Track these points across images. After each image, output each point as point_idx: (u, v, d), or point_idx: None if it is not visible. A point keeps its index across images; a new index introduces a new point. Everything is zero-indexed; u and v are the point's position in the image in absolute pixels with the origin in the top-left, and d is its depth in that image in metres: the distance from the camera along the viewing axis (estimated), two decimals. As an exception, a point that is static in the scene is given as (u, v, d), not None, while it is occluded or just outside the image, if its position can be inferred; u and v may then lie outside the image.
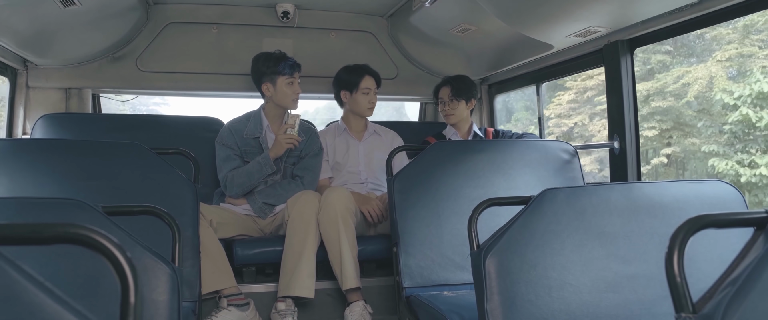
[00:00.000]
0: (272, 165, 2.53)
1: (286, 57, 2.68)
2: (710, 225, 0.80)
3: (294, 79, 2.66)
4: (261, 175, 2.54)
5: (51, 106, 3.01)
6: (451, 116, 2.94)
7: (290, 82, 2.65)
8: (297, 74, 2.67)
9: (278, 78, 2.63)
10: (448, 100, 2.93)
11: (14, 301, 0.56)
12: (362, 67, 2.86)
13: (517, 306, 1.25)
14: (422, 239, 2.02)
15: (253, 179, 2.54)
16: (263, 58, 2.68)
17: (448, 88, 2.93)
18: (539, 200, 1.32)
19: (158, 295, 1.26)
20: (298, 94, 2.68)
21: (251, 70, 2.72)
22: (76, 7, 2.38)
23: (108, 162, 1.91)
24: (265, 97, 2.71)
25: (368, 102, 2.83)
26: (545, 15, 2.42)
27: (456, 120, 2.95)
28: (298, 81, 2.68)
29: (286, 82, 2.64)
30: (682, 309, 0.76)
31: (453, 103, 2.91)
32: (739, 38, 7.05)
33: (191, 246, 1.84)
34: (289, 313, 2.28)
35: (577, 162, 2.31)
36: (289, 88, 2.65)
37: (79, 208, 1.24)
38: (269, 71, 2.63)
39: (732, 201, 1.42)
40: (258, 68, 2.68)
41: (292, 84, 2.65)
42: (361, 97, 2.82)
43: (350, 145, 2.86)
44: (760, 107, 6.28)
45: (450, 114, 2.93)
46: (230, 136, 2.66)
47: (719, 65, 7.06)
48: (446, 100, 2.93)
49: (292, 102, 2.68)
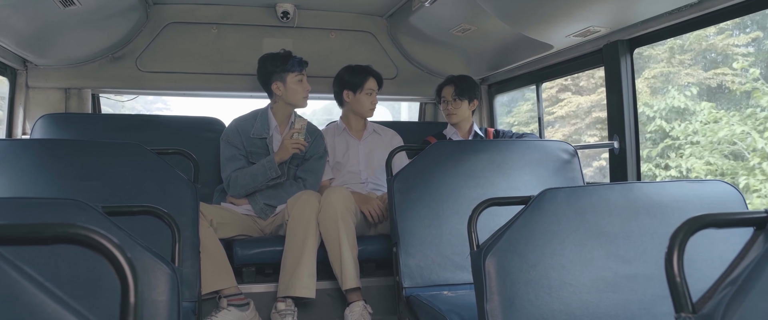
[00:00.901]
0: (277, 170, 2.52)
1: (292, 55, 2.69)
2: (710, 225, 0.80)
3: (303, 76, 2.67)
4: (265, 179, 2.53)
5: (51, 106, 3.01)
6: (454, 115, 2.93)
7: (300, 78, 2.65)
8: (305, 71, 2.68)
9: (288, 76, 2.63)
10: (451, 99, 2.92)
11: (14, 301, 0.56)
12: (366, 68, 2.86)
13: (517, 306, 1.25)
14: (422, 239, 2.01)
15: (256, 182, 2.54)
16: (270, 58, 2.69)
17: (452, 88, 2.93)
18: (539, 200, 1.32)
19: (158, 295, 1.26)
20: (308, 90, 2.69)
21: (258, 71, 2.72)
22: (76, 7, 2.38)
23: (108, 163, 1.91)
24: (274, 97, 2.70)
25: (371, 103, 2.84)
26: (545, 15, 2.42)
27: (458, 119, 2.95)
28: (306, 77, 2.69)
29: (296, 79, 2.64)
30: (681, 309, 0.76)
31: (456, 103, 2.91)
32: (667, 58, 8.16)
33: (191, 246, 1.84)
34: (289, 313, 2.28)
35: (577, 162, 2.31)
36: (299, 85, 2.65)
37: (79, 208, 1.24)
38: (278, 70, 2.64)
39: (732, 201, 1.42)
40: (266, 68, 2.68)
41: (302, 81, 2.66)
42: (364, 97, 2.82)
43: (350, 145, 2.86)
44: (671, 120, 7.23)
45: (452, 113, 2.93)
46: (236, 135, 2.65)
47: (646, 82, 8.27)
48: (449, 100, 2.93)
49: (303, 99, 2.68)
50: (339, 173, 2.82)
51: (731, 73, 7.50)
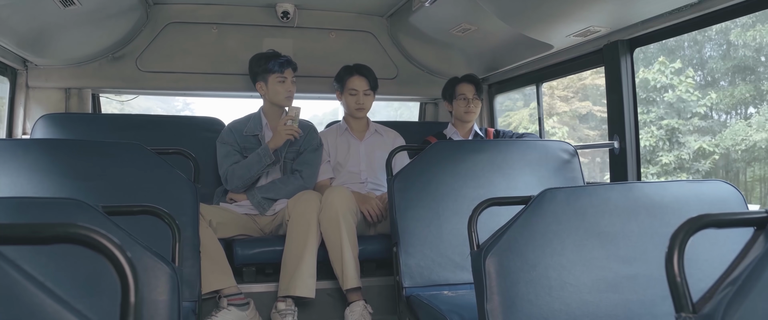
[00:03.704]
0: (271, 156, 2.55)
1: (277, 55, 2.70)
2: (710, 225, 0.80)
3: (285, 77, 2.67)
4: (261, 166, 2.55)
5: (51, 106, 3.01)
6: (473, 113, 2.94)
7: (281, 79, 2.66)
8: (288, 71, 2.68)
9: (269, 76, 2.67)
10: (471, 97, 2.92)
11: (14, 301, 0.56)
12: (353, 67, 2.83)
13: (517, 306, 1.25)
14: (422, 239, 2.01)
15: (253, 171, 2.56)
16: (256, 58, 2.74)
17: (473, 87, 2.92)
18: (539, 200, 1.32)
19: (158, 295, 1.26)
20: (290, 91, 2.69)
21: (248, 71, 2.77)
22: (76, 7, 2.38)
23: (108, 163, 1.91)
24: (263, 97, 2.74)
25: (355, 103, 2.79)
26: (545, 15, 2.42)
27: (474, 118, 2.95)
28: (291, 79, 2.69)
29: (277, 79, 2.66)
30: (682, 309, 0.76)
31: (475, 101, 2.92)
32: (550, 93, 10.40)
33: (191, 246, 1.84)
34: (289, 313, 2.28)
35: (577, 162, 2.31)
36: (280, 85, 2.66)
37: (79, 208, 1.23)
38: (261, 70, 2.68)
39: (732, 201, 1.42)
40: (252, 68, 2.74)
41: (284, 82, 2.67)
42: (347, 97, 2.81)
43: (351, 145, 2.85)
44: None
45: (473, 111, 2.93)
46: (230, 135, 2.69)
47: (526, 111, 10.45)
48: (470, 98, 2.92)
49: (285, 99, 2.69)
50: (339, 173, 2.82)
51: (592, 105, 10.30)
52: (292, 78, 2.70)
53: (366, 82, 2.79)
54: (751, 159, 9.05)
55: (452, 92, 2.97)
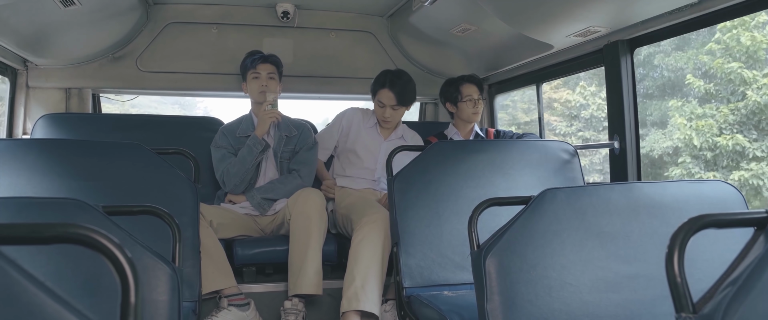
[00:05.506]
0: (261, 141, 2.56)
1: (255, 52, 2.72)
2: (710, 225, 0.80)
3: (259, 72, 2.67)
4: (253, 155, 2.56)
5: (51, 106, 3.01)
6: (479, 114, 2.94)
7: (255, 75, 2.67)
8: (263, 67, 2.67)
9: (247, 74, 2.70)
10: (477, 98, 2.92)
11: (14, 301, 0.56)
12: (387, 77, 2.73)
13: (517, 306, 1.25)
14: (422, 239, 2.01)
15: (246, 163, 2.56)
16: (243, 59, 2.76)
17: (477, 87, 2.93)
18: (539, 200, 1.32)
19: (158, 295, 1.26)
20: (263, 85, 2.66)
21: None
22: (76, 7, 2.38)
23: (108, 162, 1.91)
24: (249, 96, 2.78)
25: (381, 115, 2.79)
26: (545, 15, 2.42)
27: (479, 118, 2.96)
28: (266, 74, 2.67)
29: (251, 76, 2.68)
30: (682, 309, 0.75)
31: (480, 102, 2.93)
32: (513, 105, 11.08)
33: (191, 246, 1.84)
34: (293, 312, 2.28)
35: (577, 162, 2.31)
36: (254, 81, 2.68)
37: (79, 208, 1.23)
38: (242, 70, 2.73)
39: (732, 201, 1.42)
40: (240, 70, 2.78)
41: (258, 77, 2.67)
42: (377, 108, 2.80)
43: (373, 140, 2.83)
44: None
45: (479, 112, 2.94)
46: (223, 138, 2.70)
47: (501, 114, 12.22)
48: (476, 99, 2.92)
49: (259, 94, 2.66)
50: (353, 165, 2.80)
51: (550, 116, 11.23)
52: (269, 73, 2.67)
53: (394, 97, 2.70)
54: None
55: (456, 94, 2.95)
